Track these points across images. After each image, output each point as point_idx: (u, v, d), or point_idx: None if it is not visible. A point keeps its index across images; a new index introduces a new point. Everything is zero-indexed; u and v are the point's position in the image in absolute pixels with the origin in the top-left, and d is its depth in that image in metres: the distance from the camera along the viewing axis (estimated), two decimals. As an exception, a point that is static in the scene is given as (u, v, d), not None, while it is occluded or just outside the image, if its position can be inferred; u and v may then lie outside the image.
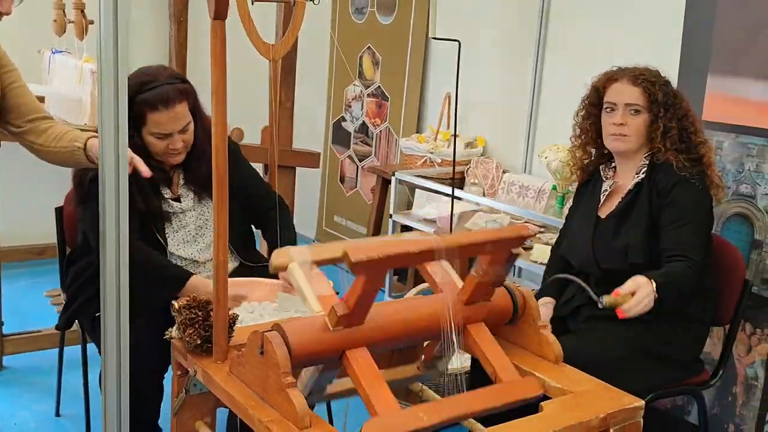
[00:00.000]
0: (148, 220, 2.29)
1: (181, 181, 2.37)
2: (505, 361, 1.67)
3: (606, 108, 2.29)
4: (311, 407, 1.78)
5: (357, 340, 1.54)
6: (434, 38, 3.27)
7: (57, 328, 2.47)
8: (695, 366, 2.27)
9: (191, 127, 2.28)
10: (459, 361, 2.62)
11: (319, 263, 1.81)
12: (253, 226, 2.59)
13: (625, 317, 1.94)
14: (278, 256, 1.75)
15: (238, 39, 2.49)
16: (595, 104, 2.35)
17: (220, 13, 1.53)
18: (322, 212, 5.01)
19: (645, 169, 2.25)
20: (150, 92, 2.21)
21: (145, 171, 2.02)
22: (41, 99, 3.86)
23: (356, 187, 4.71)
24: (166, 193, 2.35)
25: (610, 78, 2.29)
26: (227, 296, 1.69)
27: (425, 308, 1.66)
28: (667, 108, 2.21)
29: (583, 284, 1.90)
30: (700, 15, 2.64)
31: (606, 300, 1.90)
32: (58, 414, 2.81)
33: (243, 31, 2.38)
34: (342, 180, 4.84)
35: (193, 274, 2.25)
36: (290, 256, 1.74)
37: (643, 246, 2.17)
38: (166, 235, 2.33)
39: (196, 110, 2.31)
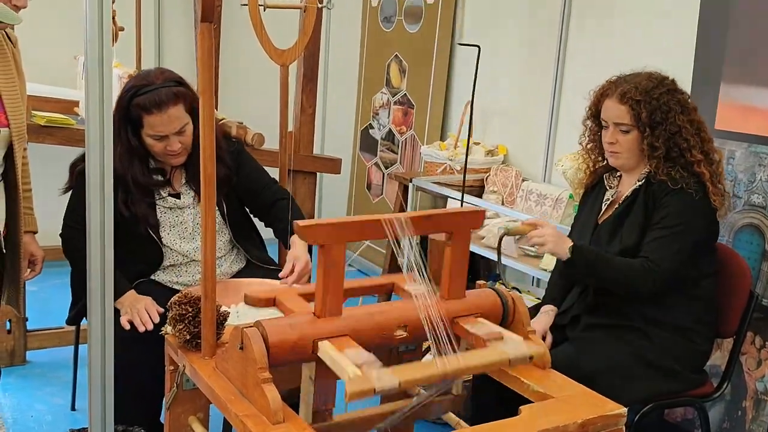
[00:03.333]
0: (139, 222, 2.34)
1: (183, 180, 2.43)
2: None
3: (602, 124, 2.28)
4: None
5: (336, 332, 1.56)
6: (460, 44, 3.28)
7: (67, 323, 2.55)
8: (698, 378, 2.24)
9: (189, 129, 2.32)
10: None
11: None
12: (262, 224, 2.62)
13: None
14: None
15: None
16: (596, 116, 2.34)
17: (206, 16, 1.56)
18: (349, 218, 5.05)
19: (645, 177, 2.22)
20: (144, 96, 2.26)
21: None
22: (75, 103, 4.00)
23: (382, 194, 4.74)
24: (164, 191, 2.41)
25: (603, 93, 2.26)
26: (215, 293, 1.73)
27: (408, 303, 1.67)
28: (654, 127, 2.16)
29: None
30: (714, 23, 2.62)
31: (506, 226, 2.21)
32: (73, 408, 2.89)
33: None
34: (369, 187, 4.87)
35: (131, 289, 2.29)
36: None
37: (636, 253, 2.16)
38: (161, 232, 2.39)
39: (195, 111, 2.35)
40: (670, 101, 2.17)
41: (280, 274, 2.28)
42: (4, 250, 2.15)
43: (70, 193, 2.43)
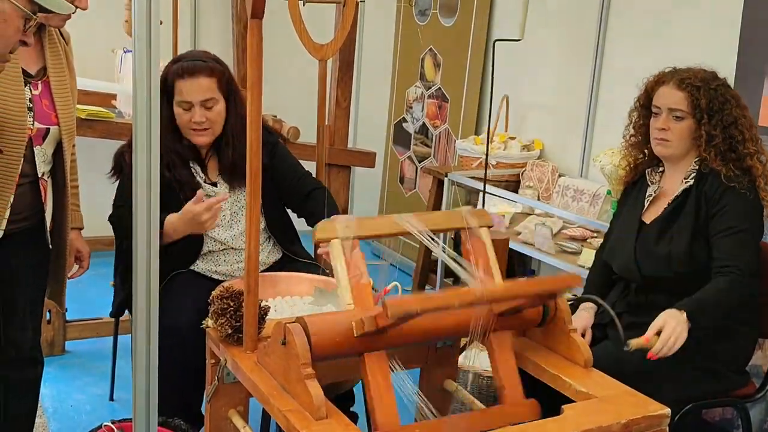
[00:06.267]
0: (179, 195, 2.34)
1: (217, 171, 2.45)
2: (515, 380, 1.69)
3: (653, 111, 2.25)
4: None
5: (377, 343, 1.56)
6: (498, 40, 3.27)
7: (110, 315, 2.58)
8: (740, 378, 2.20)
9: (218, 107, 2.36)
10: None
11: (363, 238, 1.75)
12: (294, 214, 2.62)
13: (657, 358, 1.94)
14: (323, 230, 1.70)
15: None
16: (646, 106, 2.31)
17: (257, 13, 1.57)
18: (381, 212, 5.05)
19: (694, 175, 2.19)
20: (180, 63, 2.36)
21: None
22: (113, 96, 4.04)
23: (415, 187, 4.73)
24: (200, 176, 2.42)
25: (659, 80, 2.25)
26: (258, 287, 1.73)
27: (451, 315, 1.65)
28: (711, 115, 2.14)
29: (616, 319, 1.88)
30: (758, 17, 2.57)
31: (632, 343, 1.91)
32: (112, 398, 2.93)
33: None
34: (402, 180, 4.87)
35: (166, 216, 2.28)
36: (335, 230, 1.69)
37: (687, 254, 2.13)
38: None
39: (230, 94, 2.38)
40: (726, 93, 2.18)
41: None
42: (51, 246, 2.17)
43: (110, 186, 2.46)
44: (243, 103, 2.41)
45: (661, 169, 2.32)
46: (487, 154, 3.22)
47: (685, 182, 2.20)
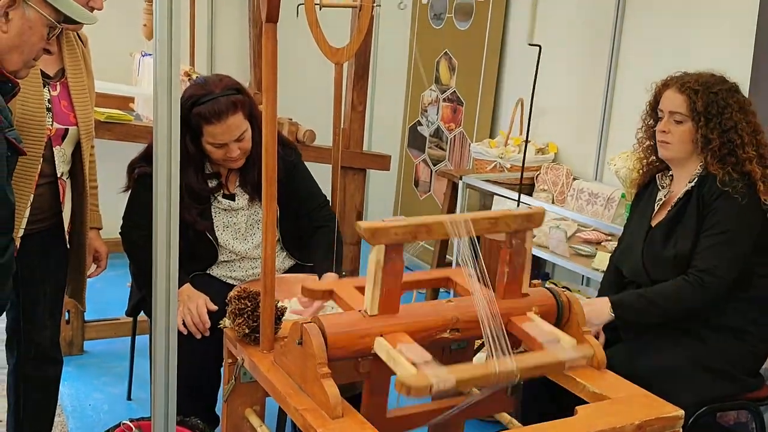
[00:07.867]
0: (188, 227, 2.33)
1: (237, 182, 2.46)
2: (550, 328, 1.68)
3: (658, 114, 2.27)
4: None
5: (392, 328, 1.58)
6: (530, 45, 3.31)
7: (126, 314, 2.61)
8: (754, 381, 2.21)
9: (248, 134, 2.34)
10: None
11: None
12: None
13: None
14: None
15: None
16: (655, 109, 2.33)
17: (272, 17, 1.60)
18: (396, 215, 5.07)
19: (696, 178, 2.21)
20: (204, 105, 2.27)
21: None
22: (131, 99, 4.08)
23: (430, 190, 4.75)
24: (218, 194, 2.44)
25: (665, 84, 2.28)
26: (274, 288, 1.76)
27: (462, 302, 1.69)
28: (709, 118, 2.15)
29: None
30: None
31: None
32: (129, 398, 2.97)
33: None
34: (416, 183, 4.89)
35: (186, 283, 2.31)
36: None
37: (692, 256, 2.14)
38: (216, 232, 2.43)
39: (252, 117, 2.36)
40: (729, 98, 2.18)
41: (299, 299, 2.22)
42: (69, 245, 2.21)
43: (129, 191, 2.48)
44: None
45: (671, 173, 2.33)
46: (524, 159, 3.23)
47: (689, 185, 2.22)
